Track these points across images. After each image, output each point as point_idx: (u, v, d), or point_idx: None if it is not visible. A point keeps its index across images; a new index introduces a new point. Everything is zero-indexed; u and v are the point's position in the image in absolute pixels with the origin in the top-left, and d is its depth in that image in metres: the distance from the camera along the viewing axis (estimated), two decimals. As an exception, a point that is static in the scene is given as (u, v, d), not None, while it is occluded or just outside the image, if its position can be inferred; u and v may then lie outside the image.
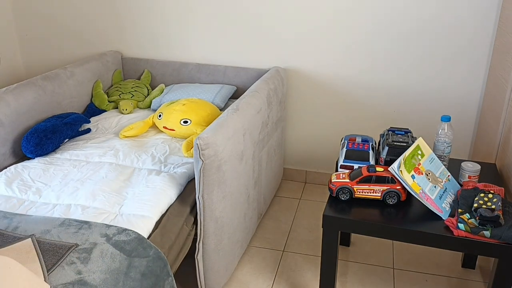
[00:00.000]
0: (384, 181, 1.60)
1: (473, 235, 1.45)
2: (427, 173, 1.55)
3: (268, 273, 2.05)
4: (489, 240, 1.44)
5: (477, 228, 1.44)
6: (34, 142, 2.06)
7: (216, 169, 1.69)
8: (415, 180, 1.51)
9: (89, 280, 1.34)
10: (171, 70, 2.79)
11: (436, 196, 1.54)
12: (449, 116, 1.74)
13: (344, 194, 1.65)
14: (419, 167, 1.54)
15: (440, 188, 1.56)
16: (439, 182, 1.56)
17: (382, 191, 1.61)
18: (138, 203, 1.72)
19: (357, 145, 1.82)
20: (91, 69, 2.66)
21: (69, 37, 2.91)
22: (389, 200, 1.62)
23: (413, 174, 1.52)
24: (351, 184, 1.63)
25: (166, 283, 1.52)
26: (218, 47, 2.69)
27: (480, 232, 1.44)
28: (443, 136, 1.73)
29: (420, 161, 1.55)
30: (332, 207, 1.66)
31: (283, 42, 2.57)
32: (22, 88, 2.21)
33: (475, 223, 1.45)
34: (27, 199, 1.79)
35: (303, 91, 2.64)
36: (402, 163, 1.51)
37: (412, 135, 1.80)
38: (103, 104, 2.61)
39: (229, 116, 1.84)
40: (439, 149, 1.75)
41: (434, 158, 1.61)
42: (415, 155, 1.56)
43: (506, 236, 1.42)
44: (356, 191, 1.64)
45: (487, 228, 1.44)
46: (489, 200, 1.49)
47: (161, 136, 2.29)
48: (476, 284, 1.97)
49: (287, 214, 2.50)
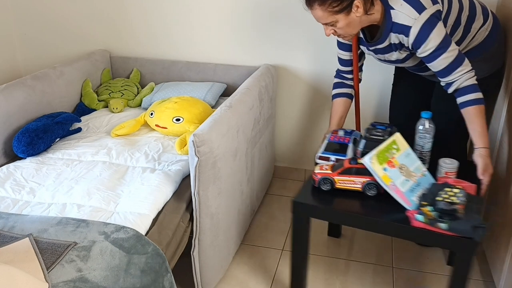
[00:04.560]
0: (364, 173, 1.64)
1: (430, 226, 1.47)
2: (401, 166, 1.60)
3: (267, 272, 2.07)
4: (445, 232, 1.46)
5: (435, 220, 1.47)
6: (26, 141, 2.05)
7: (211, 165, 1.71)
8: (387, 172, 1.56)
9: (90, 277, 1.35)
10: (160, 69, 2.79)
11: (407, 190, 1.57)
12: (430, 112, 1.78)
13: (326, 184, 1.70)
14: (393, 161, 1.59)
15: (413, 182, 1.60)
16: (412, 176, 1.61)
17: (363, 182, 1.66)
18: (134, 201, 1.72)
19: (338, 138, 1.89)
20: (80, 68, 2.64)
21: (56, 36, 2.89)
22: (368, 192, 1.67)
23: (386, 167, 1.57)
24: (332, 175, 1.68)
25: (165, 279, 1.53)
26: (207, 45, 2.70)
27: (437, 224, 1.46)
28: (423, 131, 1.78)
29: (394, 155, 1.61)
30: (303, 194, 1.71)
31: (273, 40, 2.59)
32: (11, 88, 2.20)
33: (435, 215, 1.48)
34: (21, 199, 1.79)
35: (292, 89, 2.67)
36: (374, 156, 1.57)
37: (392, 130, 1.84)
38: (93, 103, 2.60)
39: (223, 113, 1.86)
40: (419, 144, 1.80)
41: (410, 153, 1.66)
42: (390, 149, 1.62)
43: (461, 230, 1.44)
44: (337, 182, 1.68)
45: (444, 221, 1.45)
46: (454, 194, 1.51)
47: (153, 134, 2.29)
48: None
49: (281, 210, 2.52)
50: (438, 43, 1.65)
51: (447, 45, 1.66)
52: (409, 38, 1.68)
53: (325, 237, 2.30)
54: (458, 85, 1.70)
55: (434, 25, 1.64)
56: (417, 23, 1.64)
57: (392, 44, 1.78)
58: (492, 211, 1.99)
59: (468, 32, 1.81)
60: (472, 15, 1.81)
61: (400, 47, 1.77)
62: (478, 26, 1.82)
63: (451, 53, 1.67)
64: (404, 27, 1.67)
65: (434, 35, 1.64)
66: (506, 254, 1.75)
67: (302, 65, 2.60)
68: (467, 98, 1.69)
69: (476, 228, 1.42)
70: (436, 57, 1.68)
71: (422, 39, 1.66)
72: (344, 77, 2.07)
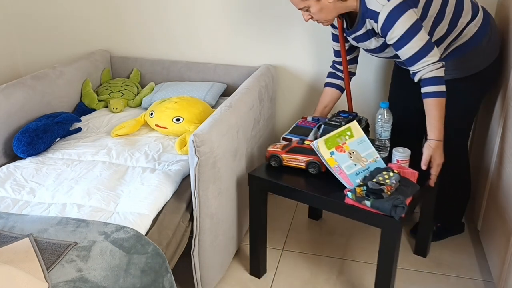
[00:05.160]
0: (309, 153, 1.80)
1: (358, 203, 1.59)
2: (351, 152, 1.73)
3: (267, 272, 2.08)
4: (369, 209, 1.57)
5: (361, 198, 1.58)
6: (26, 141, 2.05)
7: (211, 165, 1.71)
8: (334, 156, 1.71)
9: (90, 277, 1.35)
10: (160, 69, 2.79)
11: (352, 173, 1.70)
12: (388, 103, 1.87)
13: (275, 161, 1.87)
14: (343, 146, 1.73)
15: (361, 166, 1.72)
16: (362, 162, 1.72)
17: (306, 161, 1.82)
18: (134, 201, 1.72)
19: (306, 123, 2.07)
20: (80, 68, 2.64)
21: (56, 36, 2.89)
22: (310, 170, 1.82)
23: (333, 151, 1.72)
24: (280, 153, 1.85)
25: (165, 279, 1.53)
26: (207, 45, 2.70)
27: (363, 202, 1.57)
28: (381, 120, 1.88)
29: (346, 141, 1.75)
30: (259, 169, 1.90)
31: (273, 40, 2.59)
32: (11, 88, 2.20)
33: (363, 194, 1.59)
34: (21, 199, 1.79)
35: (292, 89, 2.67)
36: (321, 140, 1.72)
37: (357, 118, 1.95)
38: (93, 103, 2.60)
39: (223, 113, 1.86)
40: (377, 132, 1.91)
41: (365, 141, 1.78)
42: (342, 135, 1.76)
43: (382, 207, 1.53)
44: (284, 159, 1.86)
45: (368, 199, 1.56)
46: (389, 177, 1.62)
47: (153, 134, 2.29)
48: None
49: (280, 210, 2.52)
50: (404, 31, 1.65)
51: (413, 34, 1.65)
52: (378, 24, 1.70)
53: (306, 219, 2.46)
54: (421, 75, 1.72)
55: (402, 12, 1.64)
56: (385, 9, 1.66)
57: (369, 30, 1.80)
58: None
59: (454, 26, 1.81)
60: (459, 10, 1.80)
61: (375, 33, 1.80)
62: (465, 21, 1.81)
63: (418, 42, 1.66)
64: (374, 13, 1.70)
65: (400, 23, 1.64)
66: (506, 254, 1.75)
67: (302, 65, 2.60)
68: (428, 89, 1.71)
69: (396, 207, 1.52)
70: (402, 45, 1.68)
71: (388, 26, 1.67)
72: (337, 68, 2.13)
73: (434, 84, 1.70)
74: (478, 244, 2.22)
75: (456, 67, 1.88)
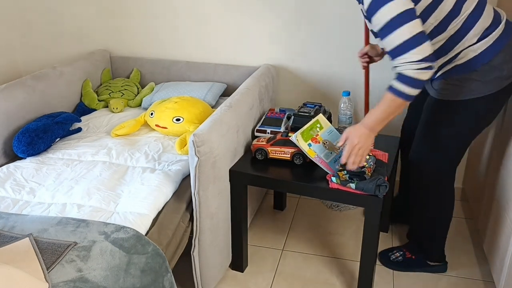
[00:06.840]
0: (294, 144, 1.85)
1: (343, 186, 1.70)
2: (324, 142, 1.83)
3: (266, 272, 2.08)
4: (354, 191, 1.69)
5: (346, 181, 1.70)
6: (26, 141, 2.05)
7: (211, 165, 1.71)
8: (311, 147, 1.81)
9: (90, 277, 1.35)
10: (160, 69, 2.79)
11: (330, 160, 1.82)
12: (349, 91, 1.94)
13: (260, 154, 1.93)
14: (317, 137, 1.83)
15: (336, 154, 1.84)
16: (335, 149, 1.82)
17: (291, 153, 1.89)
18: (134, 201, 1.72)
19: (275, 114, 2.18)
20: (80, 68, 2.64)
21: (56, 36, 2.89)
22: (296, 161, 1.89)
23: (310, 143, 1.81)
24: (266, 146, 1.92)
25: (165, 279, 1.53)
26: (207, 45, 2.70)
27: (348, 185, 1.69)
28: (345, 109, 1.97)
29: (318, 133, 1.85)
30: (239, 164, 1.92)
31: (273, 40, 2.59)
32: (11, 88, 2.20)
33: (347, 177, 1.70)
34: (21, 199, 1.79)
35: (292, 89, 2.67)
36: (299, 134, 1.81)
37: (321, 110, 2.08)
38: (93, 103, 2.60)
39: (223, 113, 1.86)
40: (342, 121, 2.00)
41: (333, 130, 1.90)
42: (313, 127, 1.86)
43: (367, 188, 1.66)
44: (270, 152, 1.92)
45: (353, 181, 1.68)
46: (366, 160, 1.73)
47: (153, 134, 2.29)
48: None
49: (280, 210, 2.53)
50: (389, 19, 1.46)
51: (399, 24, 1.46)
52: (364, 6, 1.53)
53: (271, 210, 2.53)
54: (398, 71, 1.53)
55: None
56: None
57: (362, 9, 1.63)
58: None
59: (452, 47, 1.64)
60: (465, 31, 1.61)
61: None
62: (466, 45, 1.62)
63: (403, 35, 1.46)
64: None
65: (384, 10, 1.46)
66: (506, 254, 1.75)
67: (302, 65, 2.60)
68: (393, 83, 1.54)
69: (379, 186, 1.65)
70: (384, 35, 1.50)
71: (372, 11, 1.49)
72: None
73: (401, 81, 1.51)
74: (478, 244, 2.22)
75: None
